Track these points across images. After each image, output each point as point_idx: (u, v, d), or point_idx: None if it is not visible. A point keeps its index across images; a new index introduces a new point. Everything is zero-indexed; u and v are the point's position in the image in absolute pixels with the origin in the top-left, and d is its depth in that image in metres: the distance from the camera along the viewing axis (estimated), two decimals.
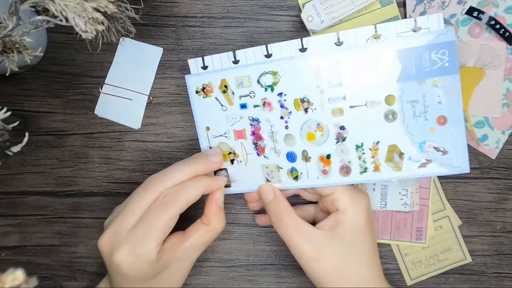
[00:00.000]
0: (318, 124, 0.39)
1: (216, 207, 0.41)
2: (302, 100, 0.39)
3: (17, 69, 0.39)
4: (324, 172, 0.40)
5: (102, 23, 0.35)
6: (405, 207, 0.48)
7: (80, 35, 0.34)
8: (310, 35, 0.48)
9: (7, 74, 0.39)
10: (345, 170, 0.40)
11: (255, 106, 0.41)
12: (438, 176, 0.48)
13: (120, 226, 0.38)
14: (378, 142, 0.38)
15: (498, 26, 0.47)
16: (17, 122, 0.39)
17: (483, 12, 0.47)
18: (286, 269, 0.49)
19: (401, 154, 0.38)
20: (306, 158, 0.41)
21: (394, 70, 0.36)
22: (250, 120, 0.41)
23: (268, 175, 0.42)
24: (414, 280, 0.48)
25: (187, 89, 0.49)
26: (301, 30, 0.48)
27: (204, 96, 0.42)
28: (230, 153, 0.43)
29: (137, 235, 0.37)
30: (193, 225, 0.41)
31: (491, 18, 0.47)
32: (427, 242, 0.48)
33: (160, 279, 0.39)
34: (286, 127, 0.41)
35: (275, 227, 0.41)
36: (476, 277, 0.48)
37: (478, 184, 0.48)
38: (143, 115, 0.49)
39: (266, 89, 0.40)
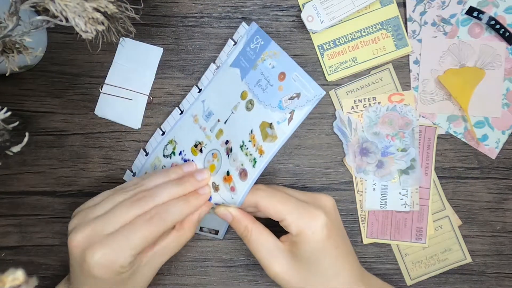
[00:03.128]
0: (212, 153, 0.45)
1: (196, 219, 0.41)
2: (195, 145, 0.46)
3: (17, 69, 0.39)
4: (232, 189, 0.42)
5: (102, 23, 0.35)
6: (405, 207, 0.48)
7: (80, 35, 0.34)
8: (310, 35, 0.48)
9: (7, 74, 0.39)
10: (243, 173, 0.42)
11: None
12: (438, 176, 0.48)
13: (101, 228, 0.38)
14: (251, 130, 0.42)
15: (498, 26, 0.47)
16: (17, 122, 0.39)
17: (483, 12, 0.47)
18: None
19: (270, 125, 0.41)
20: (216, 188, 0.43)
21: (236, 75, 0.45)
22: None
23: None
24: (414, 280, 0.48)
25: (187, 89, 0.49)
26: (301, 30, 0.48)
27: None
28: None
29: (118, 241, 0.37)
30: None
31: (491, 18, 0.47)
32: (427, 242, 0.48)
33: (126, 283, 0.39)
34: None
35: (243, 241, 0.41)
36: (476, 277, 0.48)
37: (478, 184, 0.48)
38: (143, 115, 0.49)
39: (170, 157, 0.47)
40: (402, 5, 0.48)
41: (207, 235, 0.49)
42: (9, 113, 0.37)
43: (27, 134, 0.40)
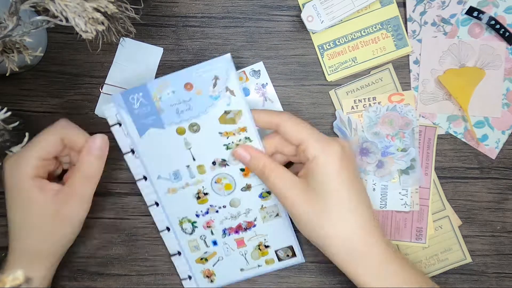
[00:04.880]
0: (215, 181, 0.45)
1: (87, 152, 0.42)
2: (198, 197, 0.46)
3: (17, 69, 0.39)
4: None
5: (102, 23, 0.35)
6: (405, 207, 0.48)
7: (80, 35, 0.34)
8: (310, 35, 0.48)
9: (7, 74, 0.39)
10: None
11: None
12: (438, 176, 0.48)
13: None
14: (219, 133, 0.43)
15: (498, 26, 0.47)
16: (17, 122, 0.39)
17: (483, 12, 0.47)
18: (286, 269, 0.49)
19: (225, 112, 0.42)
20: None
21: (155, 133, 0.43)
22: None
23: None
24: None
25: None
26: (301, 30, 0.48)
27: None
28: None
29: (24, 150, 0.40)
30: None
31: (491, 18, 0.47)
32: (427, 242, 0.48)
33: (60, 206, 0.41)
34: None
35: (261, 179, 0.42)
36: (476, 277, 0.48)
37: (478, 184, 0.48)
38: None
39: (194, 230, 0.47)
40: (402, 5, 0.48)
41: (288, 263, 0.48)
42: (9, 113, 0.37)
43: (27, 134, 0.40)
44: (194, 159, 0.44)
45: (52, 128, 0.41)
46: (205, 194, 0.45)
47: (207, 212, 0.46)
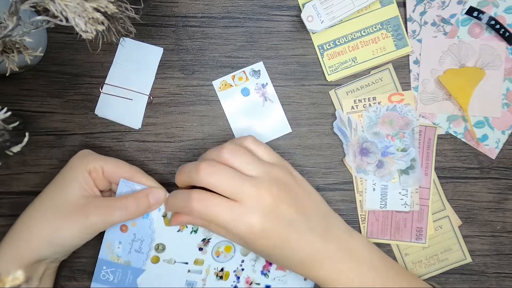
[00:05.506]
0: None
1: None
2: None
3: (17, 69, 0.39)
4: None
5: (102, 23, 0.35)
6: (405, 207, 0.48)
7: (80, 35, 0.34)
8: (310, 35, 0.48)
9: (7, 74, 0.39)
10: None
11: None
12: (438, 176, 0.48)
13: None
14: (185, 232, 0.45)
15: (498, 26, 0.47)
16: (17, 122, 0.39)
17: (483, 12, 0.47)
18: None
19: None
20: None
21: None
22: None
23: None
24: None
25: (187, 89, 0.49)
26: (301, 30, 0.48)
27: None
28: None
29: (97, 155, 0.44)
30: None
31: (491, 18, 0.47)
32: (427, 242, 0.48)
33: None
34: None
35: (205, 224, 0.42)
36: (476, 277, 0.48)
37: (478, 184, 0.48)
38: (143, 115, 0.49)
39: None
40: (402, 5, 0.48)
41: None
42: (9, 113, 0.37)
43: (27, 134, 0.40)
44: (186, 263, 0.45)
45: (130, 167, 0.44)
46: (221, 270, 0.46)
47: (238, 278, 0.46)
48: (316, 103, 0.49)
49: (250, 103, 0.48)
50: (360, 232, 0.48)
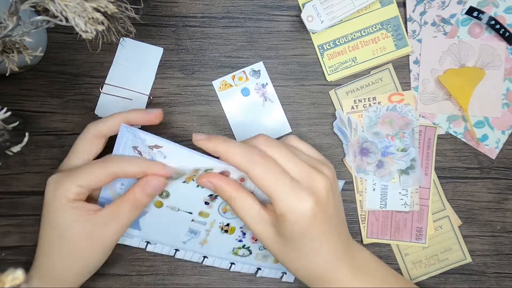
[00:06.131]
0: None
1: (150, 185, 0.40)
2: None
3: (17, 69, 0.39)
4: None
5: (102, 23, 0.35)
6: (405, 207, 0.48)
7: (80, 35, 0.34)
8: (310, 35, 0.48)
9: (7, 74, 0.39)
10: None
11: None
12: (438, 176, 0.48)
13: (64, 164, 0.42)
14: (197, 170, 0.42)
15: (498, 26, 0.47)
16: (17, 122, 0.39)
17: (483, 12, 0.47)
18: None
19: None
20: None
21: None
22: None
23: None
24: (414, 280, 0.48)
25: (187, 89, 0.49)
26: (301, 30, 0.48)
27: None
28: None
29: (69, 173, 0.40)
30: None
31: (491, 18, 0.47)
32: (427, 242, 0.48)
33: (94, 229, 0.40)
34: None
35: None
36: (476, 277, 0.48)
37: (478, 184, 0.48)
38: None
39: None
40: (402, 5, 0.48)
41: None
42: (9, 113, 0.37)
43: (27, 134, 0.40)
44: (190, 213, 0.45)
45: (103, 163, 0.40)
46: (227, 225, 0.46)
47: (244, 234, 0.46)
48: (316, 103, 0.49)
49: (250, 103, 0.48)
50: (360, 232, 0.48)
